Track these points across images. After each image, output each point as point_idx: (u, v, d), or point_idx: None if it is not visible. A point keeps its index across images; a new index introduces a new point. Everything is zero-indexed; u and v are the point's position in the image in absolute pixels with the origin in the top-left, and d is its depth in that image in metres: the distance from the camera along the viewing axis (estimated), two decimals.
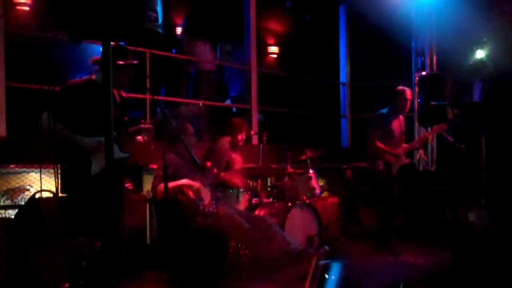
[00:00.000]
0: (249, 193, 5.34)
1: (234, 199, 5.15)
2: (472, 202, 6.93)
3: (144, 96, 6.32)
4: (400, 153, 5.74)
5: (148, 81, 6.22)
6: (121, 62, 3.79)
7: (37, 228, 4.12)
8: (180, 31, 7.90)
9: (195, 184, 4.49)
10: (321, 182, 6.15)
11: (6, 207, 4.86)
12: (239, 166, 5.51)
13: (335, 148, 8.63)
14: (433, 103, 6.31)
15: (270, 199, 5.63)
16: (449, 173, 7.54)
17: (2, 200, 4.94)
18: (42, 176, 4.27)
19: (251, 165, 5.81)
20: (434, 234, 6.36)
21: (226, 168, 5.32)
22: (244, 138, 5.61)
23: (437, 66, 8.89)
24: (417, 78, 8.44)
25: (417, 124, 8.49)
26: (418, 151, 8.59)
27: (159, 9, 2.45)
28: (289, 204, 5.31)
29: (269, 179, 6.63)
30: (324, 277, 3.57)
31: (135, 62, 3.95)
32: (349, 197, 7.08)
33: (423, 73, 8.71)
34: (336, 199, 6.80)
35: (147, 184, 5.17)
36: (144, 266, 4.53)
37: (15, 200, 4.98)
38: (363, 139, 5.87)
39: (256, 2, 7.66)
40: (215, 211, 4.53)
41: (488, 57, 8.55)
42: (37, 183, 4.82)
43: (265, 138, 5.99)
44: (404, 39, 8.69)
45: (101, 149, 3.15)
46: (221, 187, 5.14)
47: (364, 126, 6.04)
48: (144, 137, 3.98)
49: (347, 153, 8.46)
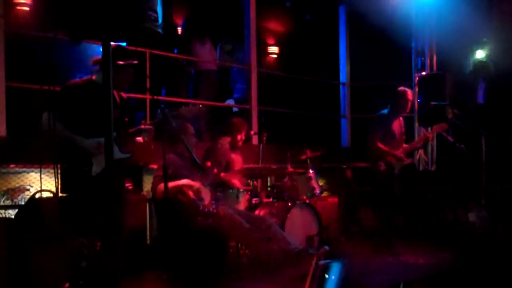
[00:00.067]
0: (249, 193, 5.34)
1: (234, 199, 5.15)
2: (472, 202, 6.93)
3: (144, 96, 6.32)
4: (401, 156, 5.74)
5: (148, 81, 6.22)
6: (121, 62, 3.79)
7: (37, 228, 4.12)
8: (180, 31, 7.91)
9: (195, 184, 4.49)
10: (321, 182, 6.15)
11: (6, 207, 4.86)
12: (239, 167, 5.51)
13: (335, 148, 8.63)
14: (433, 103, 6.31)
15: (270, 199, 5.63)
16: (449, 173, 7.53)
17: (2, 200, 4.94)
18: (42, 176, 4.27)
19: (251, 165, 5.81)
20: (434, 234, 6.36)
21: (226, 168, 5.32)
22: (243, 138, 5.61)
23: (437, 66, 8.89)
24: (417, 78, 8.44)
25: (417, 124, 8.49)
26: (418, 151, 8.59)
27: (159, 9, 2.45)
28: (289, 204, 5.31)
29: (269, 179, 6.63)
30: (324, 277, 3.58)
31: (135, 62, 3.95)
32: (349, 197, 7.08)
33: (423, 73, 8.70)
34: (336, 199, 6.80)
35: (147, 184, 5.17)
36: (144, 266, 4.53)
37: (15, 200, 4.98)
38: (363, 139, 5.87)
39: (256, 2, 7.65)
40: (215, 211, 4.53)
41: (488, 57, 8.55)
42: (37, 183, 4.83)
43: (265, 138, 5.99)
44: (404, 39, 8.69)
45: (102, 150, 3.15)
46: (221, 187, 5.14)
47: (364, 126, 6.04)
48: (144, 138, 3.98)
49: (347, 153, 8.46)
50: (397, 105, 5.79)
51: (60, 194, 3.69)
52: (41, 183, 4.23)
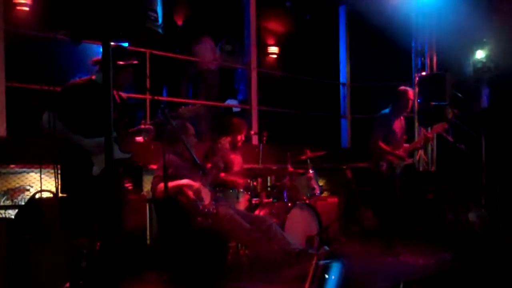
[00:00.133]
0: (249, 193, 5.34)
1: (234, 199, 5.15)
2: (472, 202, 6.93)
3: (144, 96, 6.32)
4: (403, 155, 5.73)
5: (148, 81, 6.22)
6: (121, 63, 3.79)
7: (37, 228, 4.12)
8: (180, 31, 7.90)
9: (195, 184, 4.49)
10: (321, 182, 6.14)
11: (6, 207, 4.85)
12: (238, 167, 5.51)
13: (335, 148, 8.62)
14: (433, 103, 6.31)
15: (270, 199, 5.63)
16: (449, 173, 7.54)
17: (2, 200, 4.94)
18: (42, 176, 4.27)
19: (251, 165, 5.81)
20: (434, 234, 6.36)
21: (225, 168, 5.32)
22: (243, 139, 5.60)
23: (437, 66, 8.89)
24: (417, 78, 8.44)
25: (417, 124, 8.49)
26: (418, 151, 8.59)
27: (159, 9, 2.45)
28: (289, 204, 5.31)
29: (269, 179, 6.63)
30: (324, 277, 3.58)
31: (135, 62, 3.94)
32: (349, 197, 7.08)
33: (423, 73, 8.71)
34: (336, 199, 6.80)
35: (147, 184, 5.17)
36: (144, 266, 4.53)
37: (15, 200, 4.98)
38: (364, 139, 5.87)
39: (256, 2, 7.65)
40: (215, 211, 4.53)
41: (488, 57, 8.56)
42: (37, 183, 4.82)
43: (265, 138, 5.99)
44: (404, 39, 8.69)
45: (102, 150, 3.14)
46: (221, 187, 5.14)
47: (364, 126, 6.04)
48: (145, 138, 3.98)
49: (347, 153, 8.46)
50: (399, 105, 5.78)
51: (60, 194, 3.69)
52: (41, 183, 4.23)
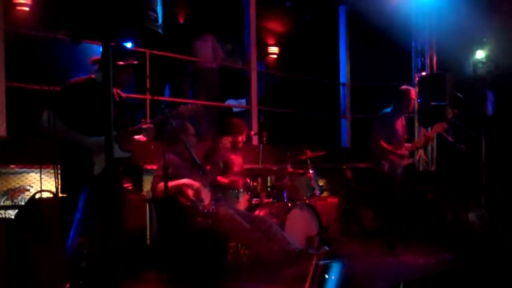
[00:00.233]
0: (249, 193, 5.33)
1: (234, 199, 5.15)
2: (472, 202, 6.93)
3: (144, 96, 6.32)
4: (405, 154, 5.73)
5: (148, 81, 6.22)
6: (121, 63, 3.79)
7: (37, 228, 4.12)
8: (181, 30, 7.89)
9: (195, 183, 4.49)
10: (321, 182, 6.14)
11: (6, 207, 4.85)
12: (238, 168, 5.51)
13: (335, 148, 8.62)
14: (433, 103, 6.31)
15: (270, 200, 5.63)
16: (449, 173, 7.54)
17: (2, 200, 4.94)
18: (42, 176, 4.27)
19: (251, 166, 5.81)
20: (434, 234, 6.36)
21: (226, 169, 5.32)
22: (244, 140, 5.59)
23: (437, 66, 8.89)
24: (417, 78, 8.44)
25: (417, 124, 8.49)
26: (418, 151, 8.59)
27: (159, 9, 2.45)
28: (289, 205, 5.31)
29: (269, 179, 6.63)
30: (324, 277, 3.58)
31: (135, 62, 3.94)
32: (349, 197, 7.08)
33: (423, 73, 8.71)
34: (336, 199, 6.80)
35: (147, 184, 5.16)
36: (144, 266, 4.53)
37: (15, 201, 4.98)
38: (364, 139, 5.86)
39: (256, 2, 7.65)
40: (215, 211, 4.53)
41: (488, 57, 8.55)
42: (37, 183, 4.82)
43: (265, 138, 5.99)
44: (404, 39, 8.69)
45: (103, 149, 3.14)
46: (221, 187, 5.14)
47: (364, 126, 6.04)
48: (145, 136, 3.98)
49: (347, 153, 8.46)
50: (400, 104, 5.77)
51: (60, 195, 3.69)
52: (41, 183, 4.23)
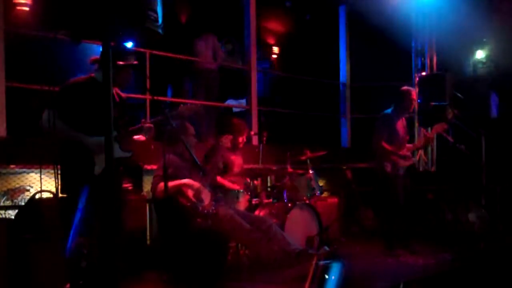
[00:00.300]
0: (249, 193, 5.33)
1: (234, 199, 5.15)
2: (472, 202, 6.93)
3: (144, 96, 6.32)
4: (407, 155, 5.73)
5: (148, 81, 6.22)
6: (121, 63, 3.78)
7: (37, 228, 4.12)
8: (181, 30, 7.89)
9: (195, 183, 4.48)
10: (321, 182, 6.14)
11: (6, 208, 4.85)
12: (239, 168, 5.50)
13: (335, 148, 8.62)
14: (433, 103, 6.31)
15: (270, 200, 5.63)
16: (449, 173, 7.54)
17: (2, 201, 4.94)
18: (42, 176, 4.27)
19: (251, 166, 5.81)
20: (434, 234, 6.36)
21: (226, 169, 5.31)
22: (244, 140, 5.57)
23: (437, 66, 8.89)
24: (417, 78, 8.44)
25: (417, 124, 8.49)
26: (418, 151, 8.59)
27: (159, 9, 2.45)
28: (289, 205, 5.31)
29: (269, 179, 6.63)
30: (324, 277, 3.58)
31: (135, 62, 3.94)
32: (349, 197, 7.08)
33: (423, 73, 8.71)
34: (336, 199, 6.79)
35: (147, 184, 5.16)
36: (144, 266, 4.53)
37: (15, 201, 4.98)
38: (364, 139, 5.85)
39: (256, 2, 7.65)
40: (215, 211, 4.53)
41: (488, 57, 8.56)
42: (37, 183, 4.82)
43: (265, 138, 5.99)
44: (404, 39, 8.69)
45: (103, 149, 3.14)
46: (221, 187, 5.14)
47: (364, 126, 6.03)
48: (145, 136, 3.98)
49: (347, 153, 8.45)
50: (401, 105, 5.76)
51: (60, 195, 3.69)
52: (41, 183, 4.23)
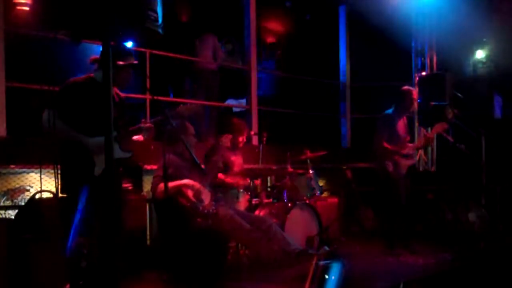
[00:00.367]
0: (249, 193, 5.33)
1: (234, 199, 5.15)
2: (472, 202, 6.93)
3: (144, 96, 6.32)
4: (410, 153, 5.72)
5: (148, 81, 6.22)
6: (121, 63, 3.78)
7: (37, 228, 4.12)
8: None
9: (195, 184, 4.48)
10: (321, 182, 6.14)
11: (6, 208, 4.85)
12: (239, 168, 5.50)
13: (335, 148, 8.62)
14: (433, 103, 6.31)
15: (270, 200, 5.63)
16: (449, 173, 7.53)
17: (2, 201, 4.94)
18: (42, 176, 4.26)
19: (251, 166, 5.80)
20: (434, 234, 6.36)
21: (226, 169, 5.31)
22: (244, 140, 5.57)
23: (437, 66, 8.89)
24: (417, 78, 8.44)
25: (417, 124, 8.48)
26: (418, 151, 8.59)
27: (159, 9, 2.45)
28: (289, 205, 5.31)
29: (269, 179, 6.63)
30: (324, 277, 3.58)
31: (135, 62, 3.94)
32: (349, 197, 7.08)
33: (423, 73, 8.70)
34: (336, 199, 6.80)
35: (147, 184, 5.16)
36: (144, 266, 4.53)
37: (15, 201, 4.98)
38: (364, 139, 5.85)
39: (256, 2, 7.65)
40: (215, 211, 4.53)
41: (488, 57, 8.56)
42: (37, 183, 4.82)
43: (265, 138, 5.99)
44: (404, 39, 8.69)
45: (103, 150, 3.13)
46: (221, 187, 5.14)
47: (364, 126, 6.03)
48: (145, 137, 3.98)
49: (347, 153, 8.45)
50: (402, 105, 5.76)
51: (60, 195, 3.68)
52: (41, 183, 4.23)
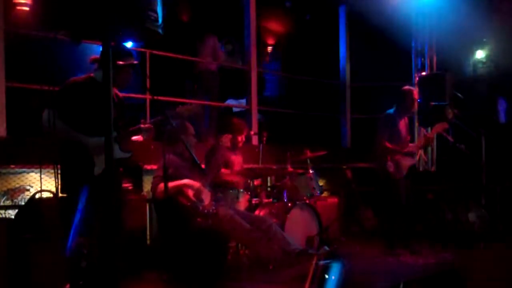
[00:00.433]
0: (249, 193, 5.33)
1: (234, 199, 5.15)
2: (472, 202, 6.93)
3: (144, 96, 6.32)
4: (412, 152, 5.72)
5: (148, 81, 6.22)
6: (121, 63, 3.78)
7: (37, 228, 4.12)
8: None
9: (195, 184, 4.49)
10: (321, 182, 6.14)
11: (6, 207, 4.85)
12: (238, 167, 5.50)
13: (335, 148, 8.62)
14: (433, 103, 6.31)
15: (270, 200, 5.63)
16: (449, 173, 7.54)
17: (2, 200, 4.94)
18: (42, 176, 4.27)
19: (251, 166, 5.80)
20: (434, 234, 6.36)
21: (225, 168, 5.31)
22: (244, 140, 5.58)
23: (437, 66, 8.89)
24: (417, 78, 8.44)
25: (417, 124, 8.49)
26: (418, 151, 8.59)
27: (159, 9, 2.45)
28: (289, 205, 5.31)
29: (269, 179, 6.63)
30: (324, 277, 3.58)
31: (135, 62, 3.94)
32: (349, 197, 7.08)
33: (423, 73, 8.71)
34: (336, 199, 6.80)
35: (147, 184, 5.16)
36: (144, 266, 4.53)
37: (15, 200, 4.98)
38: (364, 139, 5.85)
39: (256, 2, 7.65)
40: (215, 211, 4.53)
41: (488, 57, 8.56)
42: (37, 183, 4.82)
43: (265, 138, 5.99)
44: (404, 39, 8.69)
45: (103, 150, 3.13)
46: (221, 187, 5.13)
47: (364, 126, 6.03)
48: (144, 137, 3.97)
49: (347, 153, 8.46)
50: (403, 105, 5.76)
51: (60, 195, 3.68)
52: (41, 183, 4.23)
